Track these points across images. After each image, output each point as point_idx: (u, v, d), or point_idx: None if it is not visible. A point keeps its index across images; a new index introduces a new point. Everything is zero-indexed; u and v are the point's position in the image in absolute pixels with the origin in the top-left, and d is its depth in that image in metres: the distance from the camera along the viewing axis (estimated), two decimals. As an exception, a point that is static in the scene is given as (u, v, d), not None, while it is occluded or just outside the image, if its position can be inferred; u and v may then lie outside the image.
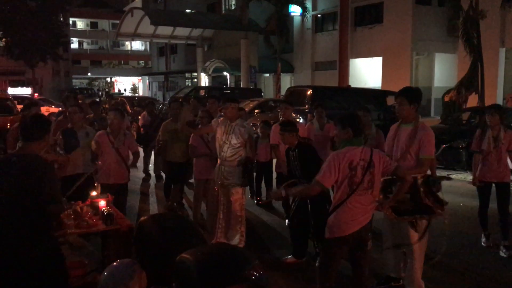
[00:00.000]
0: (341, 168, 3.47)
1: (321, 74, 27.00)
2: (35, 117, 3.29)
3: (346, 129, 3.62)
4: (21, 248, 2.95)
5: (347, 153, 3.51)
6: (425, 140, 4.16)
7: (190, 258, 1.99)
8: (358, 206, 3.52)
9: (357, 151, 3.52)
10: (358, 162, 3.48)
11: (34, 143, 3.15)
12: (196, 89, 25.16)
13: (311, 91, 14.07)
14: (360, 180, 3.47)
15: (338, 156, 3.51)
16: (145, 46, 60.08)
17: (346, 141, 3.62)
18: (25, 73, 40.15)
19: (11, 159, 3.04)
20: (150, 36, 33.14)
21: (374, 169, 3.52)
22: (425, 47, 23.02)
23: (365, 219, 3.59)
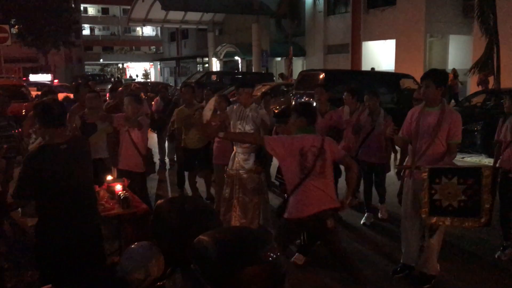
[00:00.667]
0: (292, 149, 3.68)
1: (334, 58, 26.78)
2: (59, 102, 3.36)
3: (301, 117, 3.83)
4: (85, 223, 3.14)
5: (299, 139, 3.73)
6: (454, 125, 4.05)
7: (208, 240, 2.01)
8: (314, 190, 3.68)
9: (309, 138, 3.74)
10: (309, 148, 3.68)
11: (63, 128, 3.19)
12: (207, 74, 25.16)
13: (323, 74, 13.97)
14: (312, 165, 3.66)
15: (291, 139, 3.77)
16: (156, 32, 60.03)
17: (300, 129, 3.82)
18: (38, 60, 40.44)
19: (60, 147, 3.07)
20: (161, 21, 33.05)
21: (326, 156, 3.71)
22: (439, 29, 22.67)
23: (324, 203, 3.71)
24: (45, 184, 3.00)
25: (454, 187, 3.68)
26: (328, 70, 16.36)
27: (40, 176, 2.98)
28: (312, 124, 3.86)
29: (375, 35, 24.39)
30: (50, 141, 3.10)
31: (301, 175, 3.68)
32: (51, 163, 3.01)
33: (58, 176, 3.01)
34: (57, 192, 3.04)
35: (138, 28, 60.63)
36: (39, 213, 3.12)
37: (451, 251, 5.02)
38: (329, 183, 3.80)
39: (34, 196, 3.08)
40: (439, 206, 3.73)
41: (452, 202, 3.69)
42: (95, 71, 57.07)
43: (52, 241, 3.07)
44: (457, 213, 3.73)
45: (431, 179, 3.73)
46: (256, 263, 1.90)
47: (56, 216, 3.07)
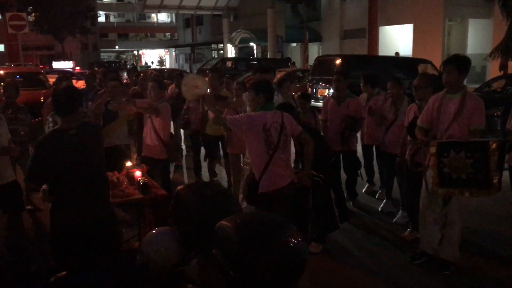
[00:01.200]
0: (255, 126, 3.83)
1: (350, 43, 26.50)
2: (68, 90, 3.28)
3: (259, 95, 3.93)
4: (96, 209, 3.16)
5: (260, 116, 3.87)
6: (475, 110, 3.95)
7: (230, 225, 2.02)
8: (281, 163, 3.92)
9: (269, 115, 3.89)
10: (271, 125, 3.85)
11: (72, 116, 3.17)
12: (222, 61, 25.10)
13: (340, 60, 13.84)
14: (277, 141, 3.85)
15: (253, 116, 3.92)
16: (171, 18, 59.95)
17: (259, 106, 3.93)
18: (54, 47, 40.78)
19: (69, 132, 3.09)
20: (176, 7, 33.00)
21: (287, 131, 3.93)
22: (458, 12, 22.25)
23: (290, 176, 4.01)
24: (54, 169, 3.04)
25: (462, 161, 3.70)
26: (345, 56, 16.20)
27: (50, 160, 3.03)
28: (270, 101, 3.97)
29: (392, 20, 24.02)
30: (60, 126, 3.15)
31: (269, 150, 3.85)
32: (60, 148, 3.04)
33: (66, 160, 3.04)
34: (66, 176, 3.07)
35: (153, 15, 60.61)
36: (51, 198, 3.16)
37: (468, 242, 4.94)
38: (290, 157, 4.06)
39: (45, 180, 3.12)
40: (449, 178, 3.76)
41: (461, 174, 3.72)
42: (111, 58, 57.35)
43: (63, 226, 3.11)
44: (466, 184, 3.76)
45: (439, 152, 3.75)
46: (277, 248, 1.91)
47: (66, 201, 3.11)
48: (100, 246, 3.05)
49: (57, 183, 3.10)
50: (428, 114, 4.24)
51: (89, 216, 3.10)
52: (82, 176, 3.09)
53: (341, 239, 5.17)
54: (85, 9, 35.91)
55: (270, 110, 3.94)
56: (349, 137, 5.83)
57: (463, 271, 4.36)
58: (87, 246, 3.01)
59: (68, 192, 3.09)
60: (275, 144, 3.85)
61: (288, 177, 3.99)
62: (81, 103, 3.35)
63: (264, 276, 1.88)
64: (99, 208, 3.17)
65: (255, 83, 4.11)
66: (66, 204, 3.10)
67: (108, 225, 3.22)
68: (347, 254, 4.81)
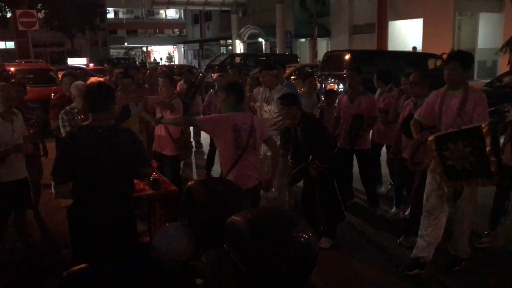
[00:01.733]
0: (225, 127, 3.86)
1: (359, 38, 26.37)
2: (101, 86, 3.24)
3: (230, 96, 3.96)
4: (116, 210, 3.15)
5: (230, 117, 3.91)
6: (477, 104, 3.87)
7: (241, 220, 2.03)
8: (249, 164, 3.94)
9: (240, 116, 3.92)
10: (241, 126, 3.88)
11: (103, 114, 3.13)
12: (231, 57, 25.12)
13: (349, 55, 13.79)
14: (246, 142, 3.88)
15: (222, 118, 3.98)
16: (179, 14, 59.99)
17: (230, 107, 3.98)
18: (64, 44, 41.02)
19: (95, 131, 3.08)
20: (184, 3, 33.06)
21: (256, 132, 3.96)
22: (468, 6, 22.03)
23: (257, 178, 4.02)
24: (78, 166, 3.06)
25: (460, 150, 3.64)
26: (354, 51, 16.13)
27: (74, 156, 3.04)
28: (240, 102, 4.01)
29: (402, 14, 23.85)
30: (89, 123, 3.15)
31: (238, 151, 3.89)
32: (85, 145, 3.05)
33: (90, 158, 3.04)
34: (88, 174, 3.08)
35: (162, 11, 60.62)
36: (73, 194, 3.18)
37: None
38: (259, 158, 4.11)
39: (70, 176, 3.14)
40: (454, 171, 3.71)
41: (465, 164, 3.66)
42: (120, 55, 57.56)
43: (82, 223, 3.13)
44: (472, 174, 3.69)
45: (439, 147, 3.71)
46: (289, 243, 1.92)
47: (86, 198, 3.12)
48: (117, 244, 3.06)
49: (80, 180, 3.13)
50: (428, 109, 4.16)
51: (108, 215, 3.10)
52: (104, 176, 3.08)
53: (352, 235, 5.18)
54: (94, 6, 36.07)
55: (240, 111, 3.98)
56: (355, 137, 5.61)
57: (474, 267, 4.36)
58: (103, 243, 3.03)
59: (89, 190, 3.11)
60: (244, 145, 3.90)
61: (255, 179, 4.00)
62: (113, 101, 3.29)
63: (275, 271, 1.89)
64: (117, 208, 3.16)
65: (226, 85, 4.18)
66: (86, 201, 3.12)
67: (126, 225, 3.22)
68: (357, 250, 4.82)
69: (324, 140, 4.74)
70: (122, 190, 3.20)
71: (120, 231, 3.14)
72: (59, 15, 34.15)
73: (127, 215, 3.27)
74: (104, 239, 3.05)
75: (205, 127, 4.03)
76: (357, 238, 5.11)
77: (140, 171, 3.33)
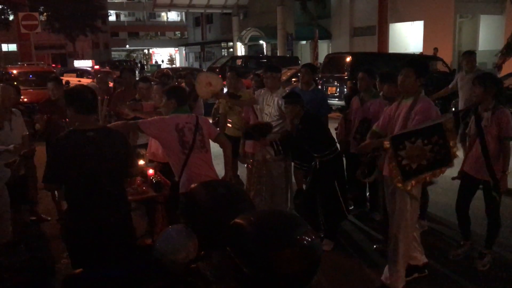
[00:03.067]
0: (166, 128, 3.83)
1: (360, 40, 26.39)
2: (88, 89, 3.24)
3: (170, 100, 3.98)
4: (111, 212, 3.13)
5: (172, 118, 3.90)
6: (418, 112, 3.66)
7: (244, 223, 2.04)
8: (201, 163, 3.90)
9: (182, 117, 3.93)
10: (184, 125, 3.88)
11: (94, 116, 3.18)
12: (232, 59, 25.15)
13: (350, 57, 13.81)
14: (192, 140, 3.87)
15: (163, 118, 3.95)
16: (181, 17, 60.13)
17: (171, 110, 3.98)
18: (65, 46, 41.13)
19: (86, 134, 3.07)
20: (186, 6, 33.07)
21: (203, 131, 3.97)
22: (469, 8, 22.04)
23: (210, 176, 3.89)
24: (69, 169, 3.04)
25: (420, 149, 3.50)
26: (355, 53, 16.15)
27: (65, 160, 3.03)
28: (182, 105, 4.02)
29: (403, 17, 23.87)
30: (78, 126, 3.13)
31: (185, 150, 3.85)
32: (76, 148, 3.03)
33: (81, 162, 3.03)
34: (81, 177, 3.07)
35: (163, 14, 60.86)
36: (67, 198, 3.18)
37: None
38: (210, 157, 4.07)
39: (63, 181, 3.14)
40: (410, 169, 3.54)
41: (421, 162, 3.54)
42: (121, 57, 57.67)
43: (76, 226, 3.12)
44: (427, 168, 3.58)
45: (394, 147, 3.53)
46: (292, 246, 1.94)
47: (80, 202, 3.11)
48: (114, 246, 3.06)
49: (72, 184, 3.12)
50: (386, 120, 4.00)
51: (102, 218, 3.09)
52: (96, 178, 3.07)
53: (358, 238, 5.19)
54: (96, 8, 36.18)
55: (183, 113, 3.98)
56: (360, 141, 5.28)
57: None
58: (100, 246, 3.03)
59: (82, 193, 3.09)
60: (190, 144, 3.86)
61: (209, 178, 3.85)
62: (97, 104, 3.31)
63: (278, 273, 1.91)
64: (113, 210, 3.14)
65: (167, 89, 4.19)
66: (79, 204, 3.11)
67: (122, 227, 3.21)
68: (363, 253, 4.81)
69: (321, 137, 4.76)
70: (116, 192, 3.19)
71: (117, 233, 3.12)
72: (61, 18, 34.26)
73: (123, 217, 3.26)
74: (100, 242, 3.04)
75: (149, 130, 3.88)
76: (364, 242, 5.10)
77: (129, 171, 3.34)
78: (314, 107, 5.42)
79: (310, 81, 5.87)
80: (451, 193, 4.51)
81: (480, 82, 4.26)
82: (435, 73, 13.72)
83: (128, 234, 3.33)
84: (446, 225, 5.40)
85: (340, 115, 6.54)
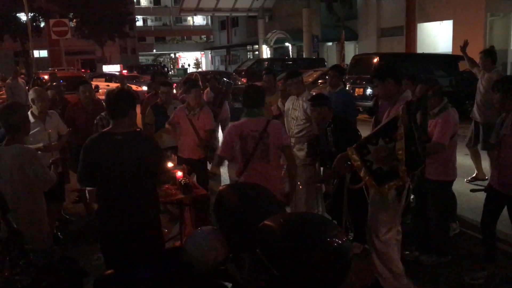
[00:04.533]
0: (232, 143, 3.80)
1: (387, 41, 26.05)
2: (119, 93, 3.27)
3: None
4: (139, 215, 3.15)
5: (237, 126, 3.84)
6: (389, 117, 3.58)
7: (274, 225, 2.04)
8: (255, 174, 3.74)
9: (250, 123, 3.81)
10: (248, 133, 3.76)
11: (123, 119, 3.14)
12: (258, 62, 25.18)
13: (378, 58, 13.65)
14: (252, 150, 3.73)
15: (229, 132, 3.88)
16: (206, 21, 60.59)
17: (243, 114, 3.92)
18: (94, 52, 41.96)
19: (114, 137, 3.10)
20: (212, 10, 33.30)
21: (269, 140, 3.76)
22: (500, 6, 21.48)
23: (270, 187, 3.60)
24: (97, 171, 3.10)
25: (384, 148, 3.31)
26: (383, 54, 15.96)
27: (94, 163, 3.09)
28: (251, 107, 3.88)
29: (431, 16, 23.46)
30: (109, 129, 3.19)
31: (244, 159, 3.78)
32: (103, 151, 3.08)
33: (108, 165, 3.07)
34: (107, 180, 3.12)
35: (189, 18, 61.34)
36: (98, 199, 3.23)
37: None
38: (272, 170, 3.84)
39: (92, 182, 3.19)
40: (382, 173, 3.36)
41: (392, 163, 3.31)
42: (149, 61, 58.48)
43: (106, 227, 3.17)
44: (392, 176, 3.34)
45: (360, 153, 3.37)
46: (322, 249, 1.92)
47: (108, 204, 3.16)
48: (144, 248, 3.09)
49: (102, 186, 3.17)
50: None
51: (129, 221, 3.12)
52: (123, 182, 3.10)
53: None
54: (123, 14, 36.81)
55: (253, 116, 3.86)
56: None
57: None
58: (130, 248, 3.06)
59: (111, 195, 3.14)
60: (250, 153, 3.76)
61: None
62: (133, 107, 3.26)
63: (309, 276, 1.89)
64: (140, 213, 3.16)
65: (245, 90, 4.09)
66: (109, 206, 3.16)
67: (150, 229, 3.23)
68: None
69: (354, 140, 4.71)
70: (144, 195, 3.19)
71: (146, 235, 3.14)
72: (90, 24, 35.00)
73: (152, 220, 3.26)
74: (130, 244, 3.08)
75: (227, 154, 3.88)
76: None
77: (159, 178, 3.33)
78: (341, 108, 5.37)
79: (339, 83, 5.86)
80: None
81: (499, 87, 3.97)
82: (464, 73, 13.41)
83: (158, 237, 3.37)
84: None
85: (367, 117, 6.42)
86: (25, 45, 32.73)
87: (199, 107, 5.45)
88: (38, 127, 4.83)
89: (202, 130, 5.43)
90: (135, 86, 20.12)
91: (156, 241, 3.32)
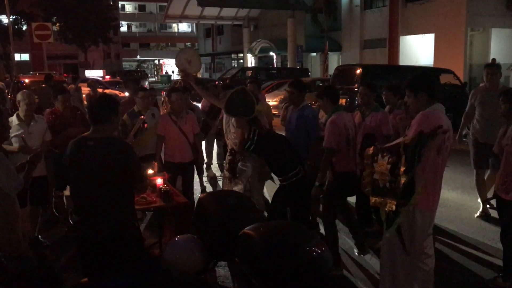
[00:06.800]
0: (341, 135, 4.28)
1: (370, 52, 26.37)
2: (101, 99, 3.24)
3: (323, 98, 4.56)
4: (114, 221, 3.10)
5: (339, 119, 4.31)
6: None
7: (253, 234, 2.02)
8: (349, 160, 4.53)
9: (345, 115, 4.46)
10: (347, 123, 4.39)
11: (103, 125, 3.10)
12: (242, 70, 25.23)
13: (360, 69, 13.78)
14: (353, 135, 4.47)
15: (337, 126, 4.29)
16: (191, 28, 60.64)
17: (333, 110, 4.44)
18: (77, 56, 41.56)
19: (87, 143, 3.06)
20: (197, 17, 33.35)
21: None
22: (480, 22, 21.93)
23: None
24: (72, 176, 3.09)
25: (384, 165, 3.23)
26: (366, 65, 16.12)
27: (68, 167, 3.08)
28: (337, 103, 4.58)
29: (413, 29, 23.84)
30: (86, 134, 3.15)
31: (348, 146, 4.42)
32: (75, 156, 3.07)
33: (80, 170, 3.05)
34: (80, 185, 3.09)
35: (174, 25, 61.33)
36: (74, 205, 3.18)
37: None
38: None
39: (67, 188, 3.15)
40: (378, 187, 3.28)
41: (385, 183, 3.22)
42: (132, 67, 58.15)
43: (80, 233, 3.13)
44: (390, 194, 3.22)
45: (373, 157, 3.31)
46: (301, 257, 1.90)
47: (84, 210, 3.11)
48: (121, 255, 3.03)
49: (74, 191, 3.13)
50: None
51: (104, 228, 3.06)
52: (94, 187, 3.05)
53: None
54: (108, 19, 36.60)
55: (343, 110, 4.47)
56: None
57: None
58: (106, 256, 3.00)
59: (84, 202, 3.10)
60: (352, 140, 4.45)
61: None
62: (115, 113, 3.20)
63: (287, 286, 1.87)
64: (116, 220, 3.10)
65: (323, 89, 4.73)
66: (83, 213, 3.11)
67: (127, 235, 3.16)
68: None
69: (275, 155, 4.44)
70: (116, 202, 3.11)
71: (123, 243, 3.08)
72: (74, 28, 34.69)
73: (129, 227, 3.20)
74: (106, 251, 3.01)
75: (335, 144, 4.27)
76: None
77: (135, 184, 3.26)
78: (302, 127, 5.03)
79: (298, 101, 5.24)
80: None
81: (507, 99, 4.07)
82: (446, 85, 13.62)
83: (136, 244, 3.30)
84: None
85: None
86: (6, 48, 32.26)
87: (184, 110, 5.45)
88: (22, 129, 4.81)
89: (191, 134, 5.44)
90: (118, 91, 19.94)
91: (134, 249, 3.25)
